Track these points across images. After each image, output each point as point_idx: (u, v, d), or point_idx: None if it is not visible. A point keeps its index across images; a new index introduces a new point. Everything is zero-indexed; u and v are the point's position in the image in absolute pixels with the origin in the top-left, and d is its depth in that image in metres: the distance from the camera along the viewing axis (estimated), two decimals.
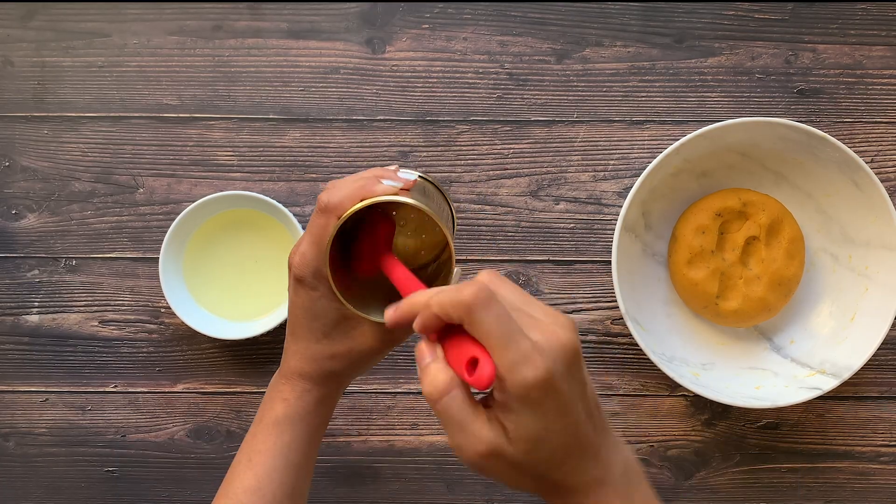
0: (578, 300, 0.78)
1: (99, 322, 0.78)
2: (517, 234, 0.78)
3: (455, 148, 0.78)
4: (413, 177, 0.55)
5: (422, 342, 0.45)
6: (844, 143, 0.73)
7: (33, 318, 0.78)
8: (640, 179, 0.71)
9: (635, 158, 0.78)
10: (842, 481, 0.79)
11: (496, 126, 0.78)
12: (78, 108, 0.79)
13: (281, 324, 0.74)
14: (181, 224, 0.74)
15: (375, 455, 0.78)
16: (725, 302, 0.75)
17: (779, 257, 0.74)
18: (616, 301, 0.73)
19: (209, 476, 0.78)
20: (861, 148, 0.78)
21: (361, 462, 0.78)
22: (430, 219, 0.51)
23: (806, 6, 0.79)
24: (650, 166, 0.71)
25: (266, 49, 0.78)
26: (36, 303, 0.78)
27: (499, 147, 0.78)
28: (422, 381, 0.44)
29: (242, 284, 0.77)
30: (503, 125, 0.78)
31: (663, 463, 0.78)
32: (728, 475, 0.79)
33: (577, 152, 0.78)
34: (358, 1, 0.78)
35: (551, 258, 0.78)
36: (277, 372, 0.58)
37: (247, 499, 0.55)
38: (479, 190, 0.78)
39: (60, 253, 0.78)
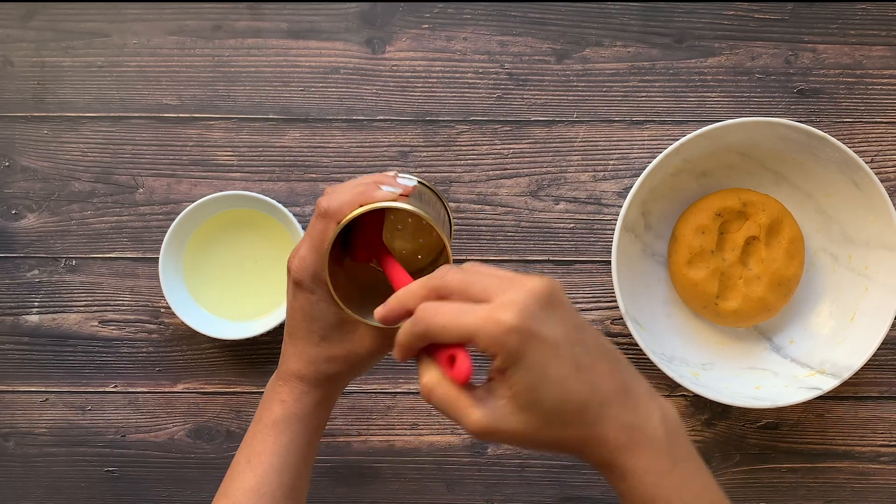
0: (578, 300, 0.78)
1: (99, 322, 0.78)
2: (517, 234, 0.78)
3: (455, 148, 0.78)
4: (412, 182, 0.56)
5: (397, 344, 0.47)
6: (844, 143, 0.73)
7: (33, 318, 0.78)
8: (640, 179, 0.71)
9: (635, 158, 0.78)
10: (842, 481, 0.79)
11: (496, 126, 0.78)
12: (78, 108, 0.79)
13: (280, 324, 0.74)
14: (181, 224, 0.74)
15: (375, 455, 0.78)
16: (725, 302, 0.75)
17: (779, 257, 0.74)
18: (616, 301, 0.73)
19: (209, 476, 0.78)
20: (861, 148, 0.78)
21: (361, 462, 0.78)
22: (428, 223, 0.52)
23: (806, 6, 0.79)
24: (650, 166, 0.71)
25: (266, 49, 0.78)
26: (36, 303, 0.78)
27: (499, 147, 0.78)
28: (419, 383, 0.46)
29: (242, 284, 0.77)
30: (503, 125, 0.78)
31: None
32: (728, 475, 0.79)
33: (577, 152, 0.78)
34: (358, 1, 0.78)
35: (551, 258, 0.78)
36: (275, 373, 0.58)
37: (246, 499, 0.55)
38: (479, 190, 0.78)
39: (60, 253, 0.78)
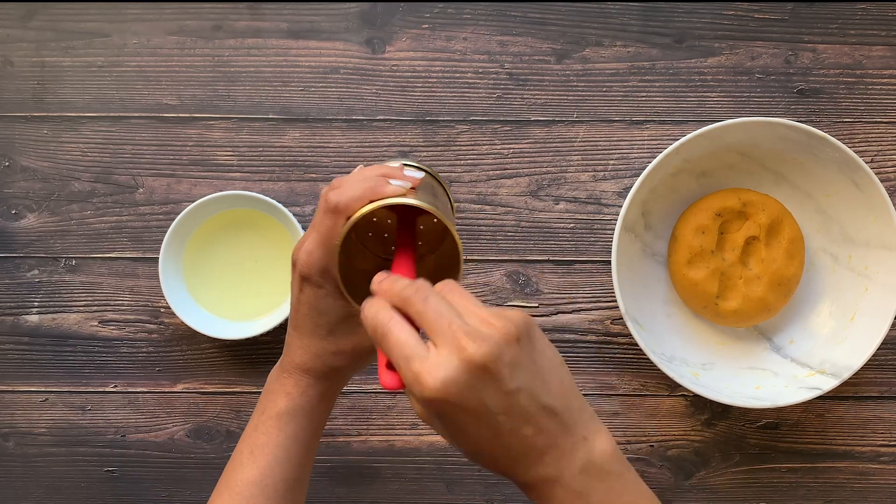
0: (578, 300, 0.78)
1: (99, 322, 0.78)
2: (517, 234, 0.78)
3: (455, 148, 0.78)
4: (419, 175, 0.55)
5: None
6: (844, 143, 0.73)
7: (33, 318, 0.78)
8: (640, 179, 0.71)
9: (635, 158, 0.78)
10: (841, 481, 0.79)
11: (496, 126, 0.78)
12: (78, 108, 0.79)
13: (281, 324, 0.74)
14: (181, 224, 0.74)
15: (375, 455, 0.78)
16: (725, 302, 0.75)
17: (779, 257, 0.74)
18: (616, 301, 0.73)
19: (209, 476, 0.78)
20: (861, 148, 0.78)
21: (361, 462, 0.78)
22: (434, 216, 0.52)
23: (806, 6, 0.79)
24: (650, 166, 0.71)
25: (266, 49, 0.78)
26: (36, 303, 0.78)
27: (499, 147, 0.78)
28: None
29: (242, 284, 0.77)
30: (503, 125, 0.78)
31: (663, 463, 0.78)
32: (728, 475, 0.79)
33: (577, 152, 0.78)
34: (358, 1, 0.78)
35: (551, 258, 0.78)
36: (278, 365, 0.58)
37: (249, 491, 0.55)
38: (479, 190, 0.78)
39: (60, 253, 0.78)
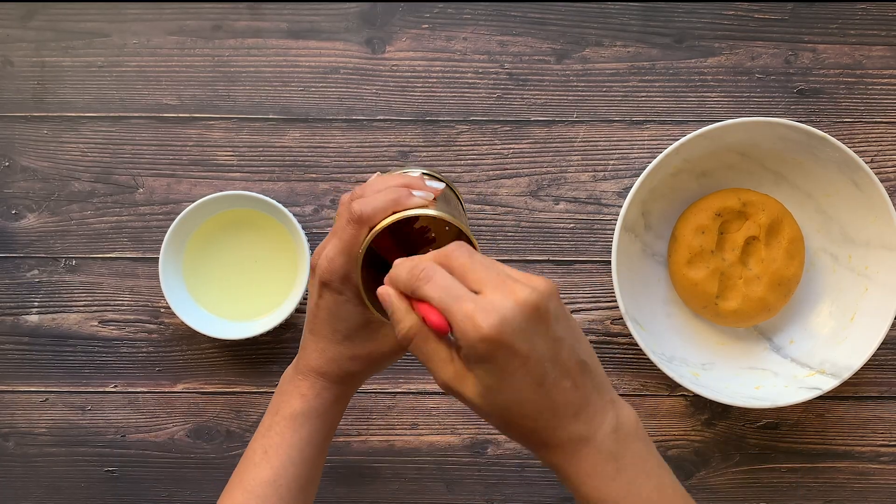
0: (578, 300, 0.78)
1: (99, 322, 0.78)
2: (517, 234, 0.78)
3: (455, 148, 0.78)
4: (440, 186, 0.57)
5: (380, 290, 0.48)
6: (844, 143, 0.73)
7: (33, 318, 0.78)
8: (640, 179, 0.71)
9: (635, 158, 0.78)
10: (841, 481, 0.79)
11: (496, 126, 0.78)
12: (78, 108, 0.79)
13: (281, 324, 0.74)
14: (181, 224, 0.74)
15: (375, 455, 0.78)
16: (725, 302, 0.75)
17: (779, 257, 0.74)
18: (616, 301, 0.73)
19: (209, 476, 0.78)
20: (861, 148, 0.78)
21: (361, 462, 0.78)
22: (453, 224, 0.53)
23: (806, 6, 0.78)
24: (650, 166, 0.71)
25: (266, 49, 0.78)
26: (36, 303, 0.78)
27: (498, 147, 0.78)
28: (395, 328, 0.48)
29: (242, 284, 0.77)
30: (503, 125, 0.78)
31: None
32: (728, 475, 0.79)
33: (577, 152, 0.78)
34: (358, 1, 0.78)
35: (551, 258, 0.78)
36: (293, 367, 0.59)
37: (262, 491, 0.56)
38: (479, 190, 0.78)
39: (60, 253, 0.78)
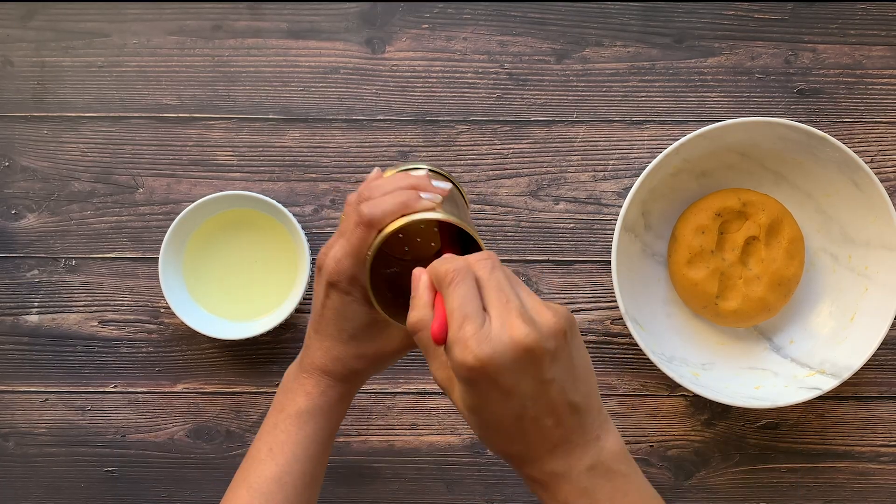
0: (578, 300, 0.78)
1: (99, 322, 0.78)
2: (517, 234, 0.78)
3: (455, 148, 0.78)
4: (447, 186, 0.57)
5: (416, 271, 0.49)
6: (844, 143, 0.73)
7: (33, 318, 0.78)
8: (640, 179, 0.71)
9: (635, 158, 0.78)
10: (841, 481, 0.79)
11: (496, 126, 0.78)
12: (78, 108, 0.79)
13: (281, 324, 0.74)
14: (181, 224, 0.74)
15: (375, 455, 0.78)
16: (725, 302, 0.75)
17: (779, 257, 0.74)
18: (616, 301, 0.73)
19: (209, 476, 0.78)
20: (861, 148, 0.78)
21: (361, 462, 0.78)
22: (458, 225, 0.53)
23: (806, 6, 0.78)
24: (650, 166, 0.71)
25: (266, 49, 0.78)
26: (36, 303, 0.78)
27: (498, 147, 0.78)
28: (409, 312, 0.48)
29: (242, 284, 0.77)
30: (503, 125, 0.78)
31: (663, 463, 0.78)
32: (728, 475, 0.79)
33: (577, 152, 0.78)
34: (358, 1, 0.78)
35: (551, 258, 0.78)
36: (297, 365, 0.59)
37: (268, 488, 0.56)
38: (479, 190, 0.78)
39: (60, 253, 0.78)
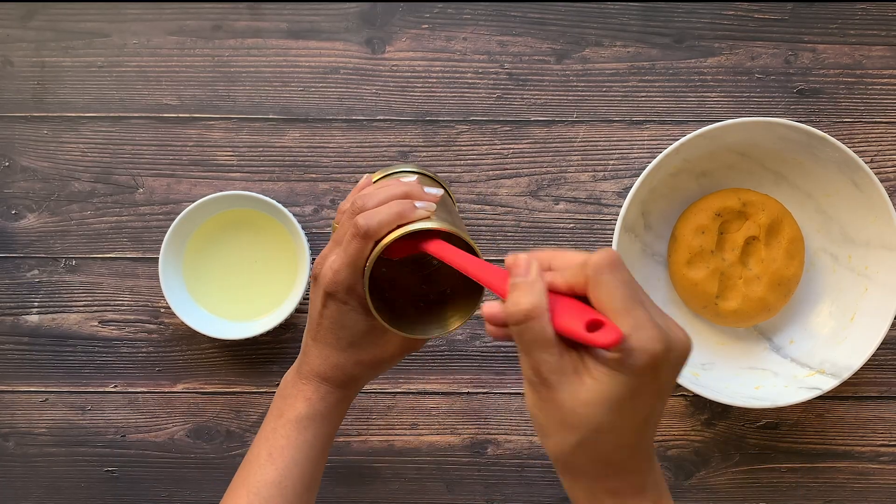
0: None
1: (99, 322, 0.78)
2: (517, 234, 0.78)
3: (455, 148, 0.78)
4: (439, 192, 0.57)
5: (519, 255, 0.44)
6: (844, 143, 0.73)
7: (33, 318, 0.78)
8: (640, 179, 0.71)
9: (635, 158, 0.78)
10: (841, 481, 0.79)
11: (496, 126, 0.78)
12: (78, 108, 0.79)
13: (281, 324, 0.74)
14: (181, 224, 0.74)
15: (375, 455, 0.78)
16: (725, 302, 0.75)
17: (778, 257, 0.74)
18: None
19: (209, 476, 0.78)
20: (861, 148, 0.78)
21: (361, 462, 0.78)
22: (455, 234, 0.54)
23: (806, 6, 0.78)
24: (650, 166, 0.71)
25: (266, 49, 0.78)
26: (36, 303, 0.78)
27: (498, 147, 0.78)
28: (509, 296, 0.43)
29: (242, 284, 0.77)
30: (503, 125, 0.78)
31: (663, 463, 0.78)
32: (728, 475, 0.79)
33: (577, 152, 0.78)
34: (358, 1, 0.78)
35: None
36: (295, 371, 0.59)
37: (268, 492, 0.57)
38: (479, 190, 0.78)
39: (60, 253, 0.78)
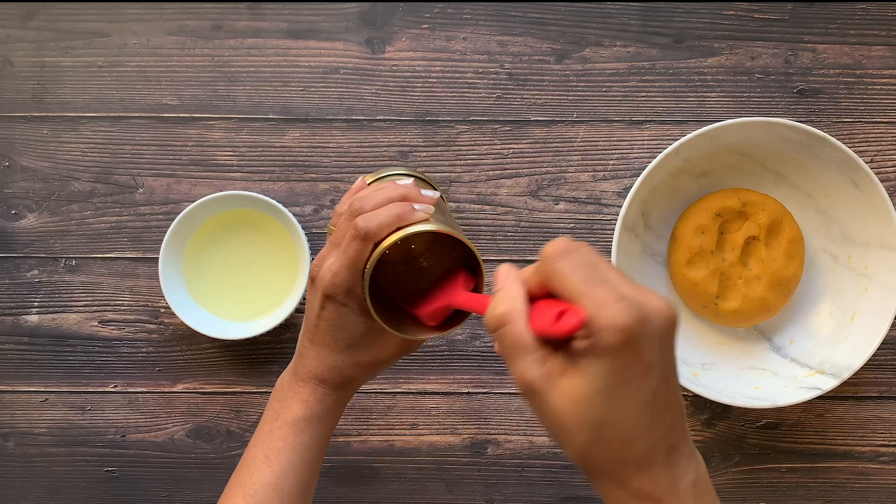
0: None
1: (99, 322, 0.78)
2: (517, 234, 0.78)
3: (455, 148, 0.78)
4: (435, 194, 0.57)
5: (501, 267, 0.44)
6: (844, 143, 0.73)
7: (33, 318, 0.78)
8: (640, 179, 0.71)
9: (635, 158, 0.78)
10: (841, 481, 0.79)
11: (496, 126, 0.78)
12: (78, 108, 0.79)
13: (281, 324, 0.74)
14: (181, 224, 0.74)
15: (375, 455, 0.78)
16: (725, 302, 0.75)
17: (778, 257, 0.74)
18: None
19: (209, 476, 0.78)
20: (861, 148, 0.78)
21: (361, 462, 0.78)
22: (452, 236, 0.54)
23: (806, 6, 0.79)
24: (650, 166, 0.71)
25: (266, 49, 0.78)
26: (36, 303, 0.78)
27: (498, 147, 0.78)
28: (489, 308, 0.43)
29: (242, 284, 0.77)
30: (503, 125, 0.78)
31: None
32: (728, 475, 0.79)
33: (577, 152, 0.78)
34: (358, 1, 0.78)
35: None
36: (291, 372, 0.59)
37: (264, 494, 0.57)
38: (479, 190, 0.78)
39: (60, 253, 0.78)
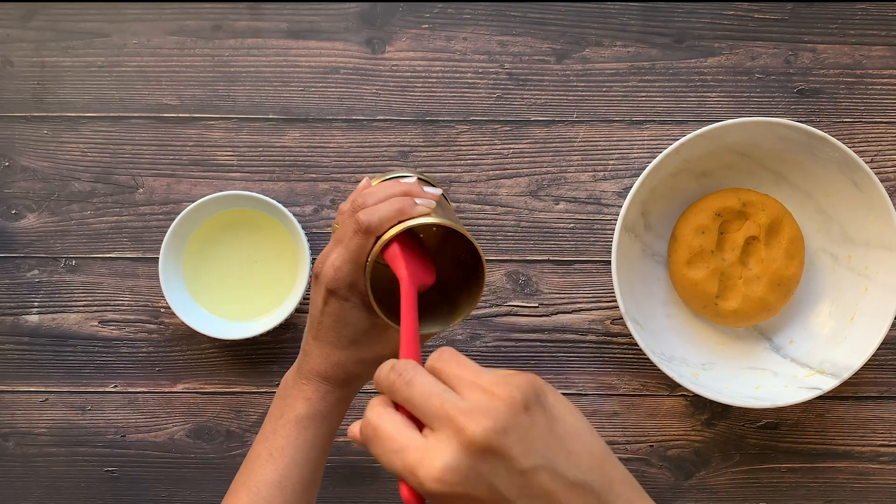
0: (578, 300, 0.78)
1: (99, 322, 0.78)
2: (517, 234, 0.78)
3: (455, 148, 0.78)
4: (437, 191, 0.58)
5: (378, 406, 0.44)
6: (844, 143, 0.73)
7: (33, 318, 0.78)
8: (640, 179, 0.71)
9: (635, 158, 0.78)
10: (841, 481, 0.79)
11: (496, 126, 0.78)
12: (78, 108, 0.79)
13: (280, 324, 0.74)
14: (181, 224, 0.74)
15: None
16: (725, 302, 0.75)
17: (778, 257, 0.74)
18: (616, 301, 0.73)
19: (209, 476, 0.78)
20: (861, 148, 0.78)
21: (361, 462, 0.78)
22: (452, 228, 0.54)
23: (806, 6, 0.79)
24: (650, 166, 0.71)
25: (266, 49, 0.78)
26: (36, 303, 0.78)
27: (498, 147, 0.78)
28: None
29: (242, 284, 0.77)
30: (503, 125, 0.78)
31: (663, 463, 0.78)
32: (728, 475, 0.79)
33: (577, 152, 0.78)
34: (358, 1, 0.78)
35: (551, 258, 0.78)
36: (295, 370, 0.59)
37: (268, 492, 0.57)
38: (479, 190, 0.78)
39: (60, 253, 0.78)
